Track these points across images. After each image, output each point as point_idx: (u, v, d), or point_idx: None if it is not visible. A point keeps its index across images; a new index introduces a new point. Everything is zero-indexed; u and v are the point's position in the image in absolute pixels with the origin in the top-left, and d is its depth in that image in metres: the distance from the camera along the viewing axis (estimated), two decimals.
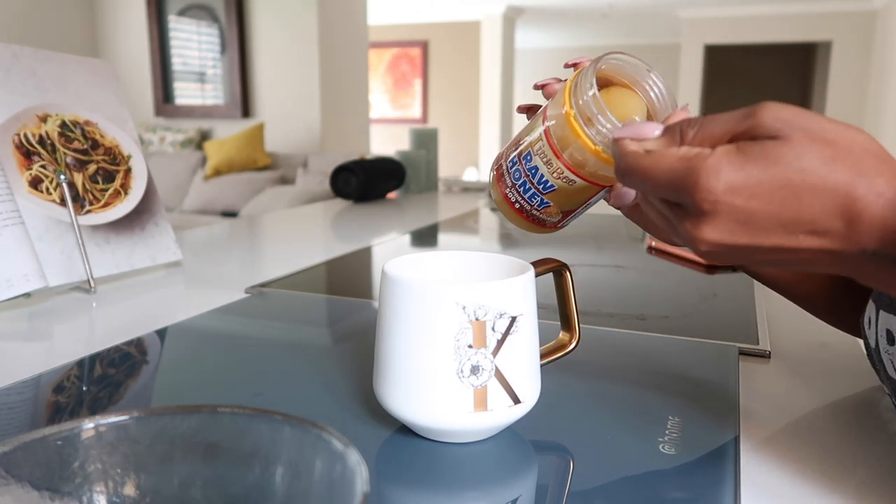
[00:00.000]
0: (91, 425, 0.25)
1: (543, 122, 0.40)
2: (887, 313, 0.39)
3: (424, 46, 7.57)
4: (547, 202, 0.42)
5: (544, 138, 0.40)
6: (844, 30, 6.27)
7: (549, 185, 0.40)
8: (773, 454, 0.39)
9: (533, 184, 0.41)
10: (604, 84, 0.40)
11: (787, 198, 0.28)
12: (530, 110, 0.46)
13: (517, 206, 0.43)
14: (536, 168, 0.41)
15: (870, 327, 0.41)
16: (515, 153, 0.42)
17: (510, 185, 0.43)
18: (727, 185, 0.28)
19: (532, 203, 0.42)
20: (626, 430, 0.40)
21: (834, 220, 0.27)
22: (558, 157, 0.39)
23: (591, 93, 0.36)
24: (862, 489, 0.35)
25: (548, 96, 0.43)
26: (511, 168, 0.43)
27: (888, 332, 0.39)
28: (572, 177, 0.39)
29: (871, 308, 0.41)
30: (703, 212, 0.29)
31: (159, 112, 4.30)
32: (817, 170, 0.27)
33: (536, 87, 0.45)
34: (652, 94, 0.39)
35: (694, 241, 0.30)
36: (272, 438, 0.25)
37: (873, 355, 0.42)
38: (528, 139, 0.41)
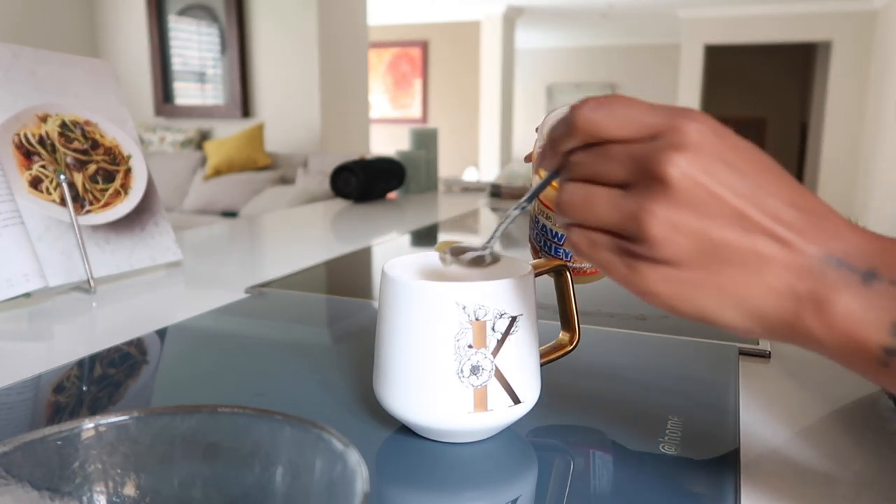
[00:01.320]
0: (91, 425, 0.25)
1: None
2: None
3: (424, 46, 7.57)
4: (570, 251, 0.44)
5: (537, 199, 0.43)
6: (844, 30, 6.27)
7: (561, 235, 0.43)
8: (773, 454, 0.39)
9: (551, 240, 0.44)
10: None
11: (755, 171, 0.27)
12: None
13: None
14: (545, 226, 0.44)
15: None
16: (530, 221, 0.46)
17: (542, 249, 0.45)
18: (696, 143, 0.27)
19: (561, 256, 0.44)
20: (626, 430, 0.40)
21: (798, 211, 0.27)
22: (551, 209, 0.42)
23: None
24: (862, 489, 0.35)
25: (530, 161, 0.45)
26: (534, 235, 0.46)
27: None
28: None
29: None
30: (662, 180, 0.27)
31: (159, 112, 4.30)
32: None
33: (526, 160, 0.46)
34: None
35: (644, 214, 0.27)
36: (272, 438, 0.25)
37: None
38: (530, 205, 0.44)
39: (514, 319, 0.36)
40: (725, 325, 0.28)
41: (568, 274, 0.43)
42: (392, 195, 1.68)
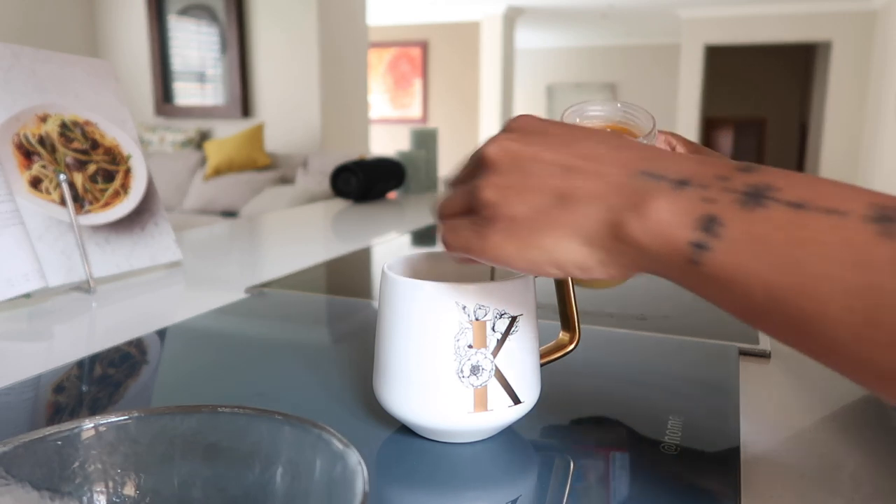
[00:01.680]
0: (91, 425, 0.25)
1: None
2: None
3: (424, 46, 7.57)
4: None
5: None
6: (844, 30, 6.27)
7: None
8: (774, 454, 0.39)
9: None
10: None
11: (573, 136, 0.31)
12: None
13: None
14: None
15: None
16: None
17: None
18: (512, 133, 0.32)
19: None
20: (626, 430, 0.40)
21: (608, 148, 0.30)
22: None
23: None
24: (863, 489, 0.35)
25: None
26: None
27: None
28: None
29: None
30: (485, 163, 0.32)
31: (159, 112, 4.31)
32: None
33: None
34: (635, 120, 0.41)
35: (478, 188, 0.31)
36: (272, 438, 0.25)
37: None
38: None
39: (514, 319, 0.36)
40: (569, 261, 0.30)
41: None
42: (392, 195, 1.68)
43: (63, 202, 0.71)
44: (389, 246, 1.03)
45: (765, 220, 0.25)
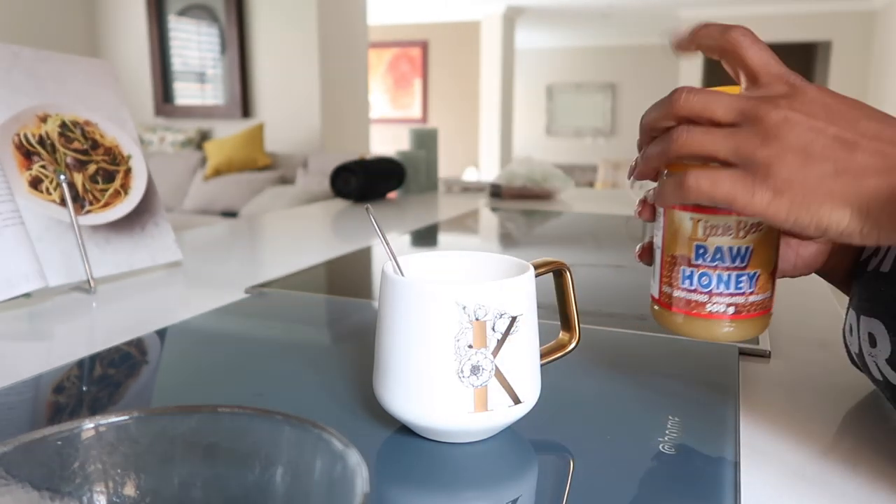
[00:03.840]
0: (91, 425, 0.25)
1: (676, 210, 0.38)
2: (868, 318, 0.39)
3: (424, 46, 7.57)
4: (754, 272, 0.37)
5: (690, 219, 0.37)
6: (844, 30, 6.27)
7: (741, 250, 0.37)
8: (773, 454, 0.39)
9: (728, 267, 0.37)
10: None
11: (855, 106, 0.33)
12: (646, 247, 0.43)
13: (727, 310, 0.38)
14: (717, 248, 0.37)
15: (851, 334, 0.42)
16: (680, 265, 0.38)
17: (707, 293, 0.38)
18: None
19: (741, 289, 0.37)
20: (626, 430, 0.40)
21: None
22: (718, 214, 0.36)
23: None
24: (863, 488, 0.35)
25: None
26: (687, 279, 0.38)
27: (870, 335, 0.39)
28: (739, 219, 0.36)
29: (851, 316, 0.42)
30: (782, 93, 0.33)
31: (159, 112, 4.30)
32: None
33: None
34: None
35: (765, 106, 0.32)
36: (272, 438, 0.25)
37: (857, 361, 0.43)
38: (680, 238, 0.38)
39: (514, 319, 0.36)
40: (833, 227, 0.31)
41: (568, 274, 0.43)
42: (392, 195, 1.68)
43: (63, 202, 0.71)
44: None
45: None
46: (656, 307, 0.41)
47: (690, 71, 6.81)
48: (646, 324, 0.62)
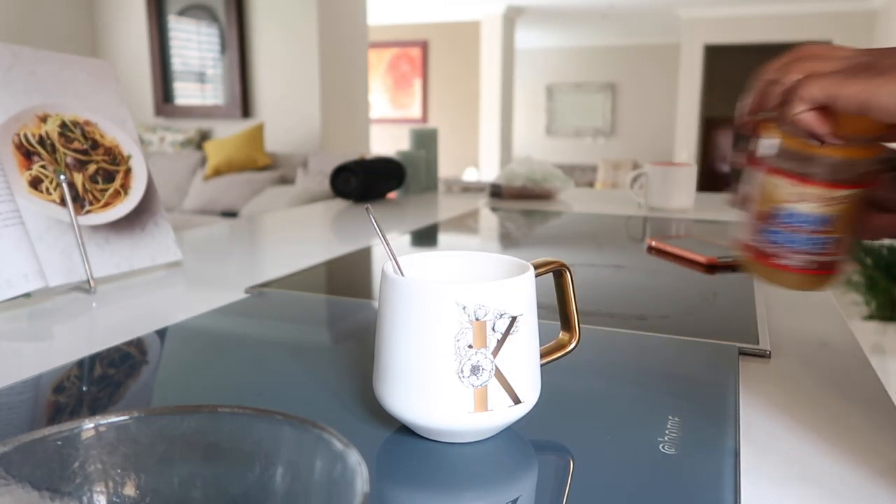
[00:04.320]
0: (91, 425, 0.25)
1: (766, 172, 0.43)
2: None
3: (424, 46, 7.57)
4: (829, 238, 0.42)
5: (785, 181, 0.42)
6: (844, 30, 6.27)
7: (825, 216, 0.41)
8: (773, 454, 0.39)
9: (813, 231, 0.42)
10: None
11: None
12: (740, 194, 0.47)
13: (806, 265, 0.43)
14: (806, 212, 0.42)
15: None
16: (766, 220, 0.43)
17: (788, 249, 0.43)
18: None
19: (822, 249, 0.42)
20: (626, 430, 0.40)
21: None
22: (806, 183, 0.41)
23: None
24: (863, 489, 0.35)
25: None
26: (776, 234, 0.43)
27: None
28: (829, 193, 0.41)
29: None
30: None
31: (159, 112, 4.31)
32: None
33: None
34: None
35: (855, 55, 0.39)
36: (272, 438, 0.25)
37: None
38: (775, 196, 0.43)
39: (514, 319, 0.36)
40: None
41: (568, 274, 0.43)
42: (392, 195, 1.68)
43: (63, 202, 0.71)
44: None
45: None
46: (745, 254, 0.46)
47: (691, 71, 6.81)
48: (646, 324, 0.62)
